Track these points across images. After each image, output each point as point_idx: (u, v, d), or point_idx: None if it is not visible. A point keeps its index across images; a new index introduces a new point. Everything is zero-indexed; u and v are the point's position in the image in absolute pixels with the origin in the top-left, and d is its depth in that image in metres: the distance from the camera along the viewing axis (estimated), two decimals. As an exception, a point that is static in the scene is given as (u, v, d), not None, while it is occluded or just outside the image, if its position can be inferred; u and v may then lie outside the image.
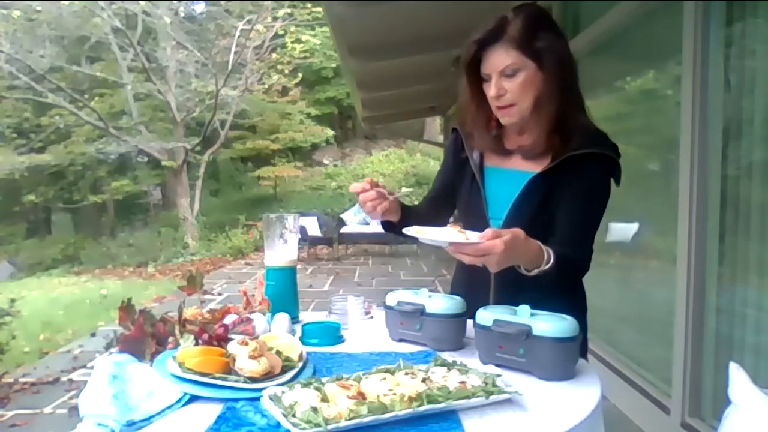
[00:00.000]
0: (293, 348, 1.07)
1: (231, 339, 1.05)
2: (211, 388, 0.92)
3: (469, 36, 1.27)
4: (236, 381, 0.92)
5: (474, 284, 1.34)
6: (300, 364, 1.02)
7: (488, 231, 1.06)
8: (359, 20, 3.77)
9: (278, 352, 1.03)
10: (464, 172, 1.41)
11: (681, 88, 2.44)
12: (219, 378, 0.93)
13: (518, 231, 1.09)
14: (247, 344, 0.98)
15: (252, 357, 0.95)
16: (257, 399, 0.88)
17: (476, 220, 1.35)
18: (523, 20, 1.22)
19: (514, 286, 1.20)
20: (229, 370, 0.96)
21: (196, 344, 1.05)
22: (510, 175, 1.34)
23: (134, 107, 13.94)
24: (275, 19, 13.17)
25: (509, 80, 1.23)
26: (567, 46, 1.27)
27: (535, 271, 1.14)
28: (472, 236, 1.08)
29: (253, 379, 0.93)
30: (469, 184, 1.39)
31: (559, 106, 1.25)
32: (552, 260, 1.15)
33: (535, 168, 1.30)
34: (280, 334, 1.17)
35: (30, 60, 11.42)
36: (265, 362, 0.96)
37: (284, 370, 0.99)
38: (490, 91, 1.25)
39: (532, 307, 1.09)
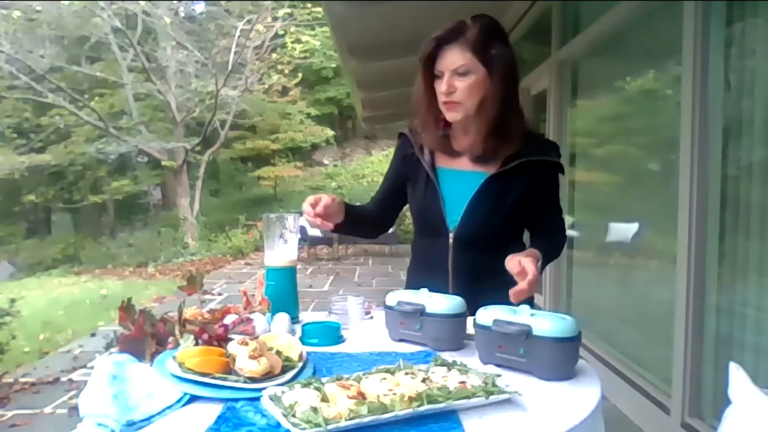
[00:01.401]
0: (293, 348, 1.07)
1: (231, 339, 1.05)
2: (211, 388, 0.92)
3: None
4: (236, 381, 0.92)
5: (432, 272, 1.42)
6: (300, 364, 1.02)
7: (523, 285, 1.19)
8: (359, 20, 3.77)
9: (278, 352, 1.03)
10: (417, 175, 1.47)
11: (681, 88, 2.44)
12: (219, 378, 0.93)
13: (533, 253, 1.26)
14: (247, 344, 0.98)
15: (252, 357, 0.95)
16: (257, 399, 0.88)
17: (432, 220, 1.42)
18: (480, 28, 1.31)
19: (471, 274, 1.37)
20: (229, 370, 0.96)
21: (196, 344, 1.05)
22: (462, 176, 1.41)
23: (134, 107, 13.93)
24: (275, 19, 13.17)
25: (460, 79, 1.31)
26: (515, 58, 1.36)
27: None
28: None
29: (253, 379, 0.93)
30: (423, 185, 1.44)
31: (500, 111, 1.34)
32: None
33: (485, 169, 1.38)
34: (280, 334, 1.17)
35: (30, 60, 11.42)
36: (265, 362, 0.96)
37: (284, 370, 0.99)
38: (442, 86, 1.32)
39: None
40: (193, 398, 0.91)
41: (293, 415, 0.78)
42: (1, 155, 13.39)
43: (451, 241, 1.39)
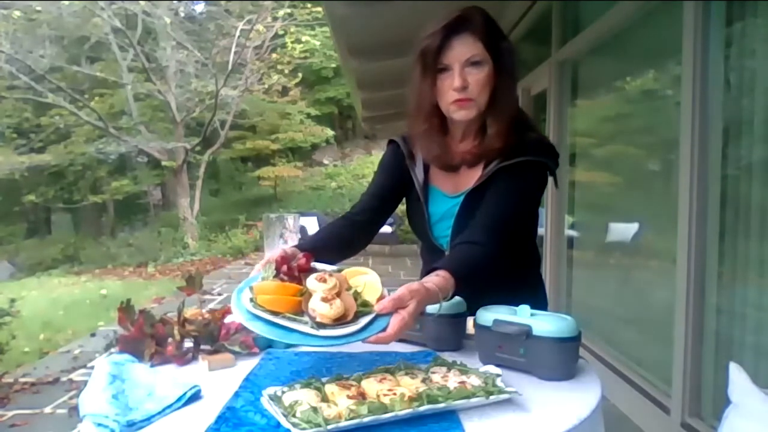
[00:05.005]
0: (373, 289, 0.98)
1: (314, 270, 1.01)
2: (280, 331, 0.90)
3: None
4: (304, 325, 0.91)
5: None
6: (375, 311, 0.94)
7: (387, 302, 0.94)
8: (359, 20, 3.77)
9: (356, 294, 0.97)
10: (408, 188, 1.37)
11: (681, 88, 2.44)
12: (289, 319, 0.91)
13: (418, 290, 0.96)
14: (325, 281, 0.94)
15: (325, 300, 0.91)
16: (323, 346, 0.90)
17: (423, 237, 1.38)
18: (484, 17, 1.21)
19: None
20: (300, 310, 0.92)
21: (276, 276, 1.01)
22: (451, 199, 1.32)
23: (134, 107, 13.94)
24: (275, 19, 13.18)
25: (473, 71, 1.19)
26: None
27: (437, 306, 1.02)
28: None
29: (322, 326, 0.90)
30: (413, 201, 1.37)
31: (513, 107, 1.25)
32: (450, 289, 1.03)
33: (469, 185, 1.28)
34: (365, 272, 1.04)
35: (30, 60, 11.43)
36: (338, 306, 0.91)
37: (357, 317, 0.93)
38: (454, 81, 1.19)
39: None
40: (193, 398, 0.91)
41: (293, 415, 0.78)
42: (1, 155, 13.40)
43: (446, 255, 1.31)
